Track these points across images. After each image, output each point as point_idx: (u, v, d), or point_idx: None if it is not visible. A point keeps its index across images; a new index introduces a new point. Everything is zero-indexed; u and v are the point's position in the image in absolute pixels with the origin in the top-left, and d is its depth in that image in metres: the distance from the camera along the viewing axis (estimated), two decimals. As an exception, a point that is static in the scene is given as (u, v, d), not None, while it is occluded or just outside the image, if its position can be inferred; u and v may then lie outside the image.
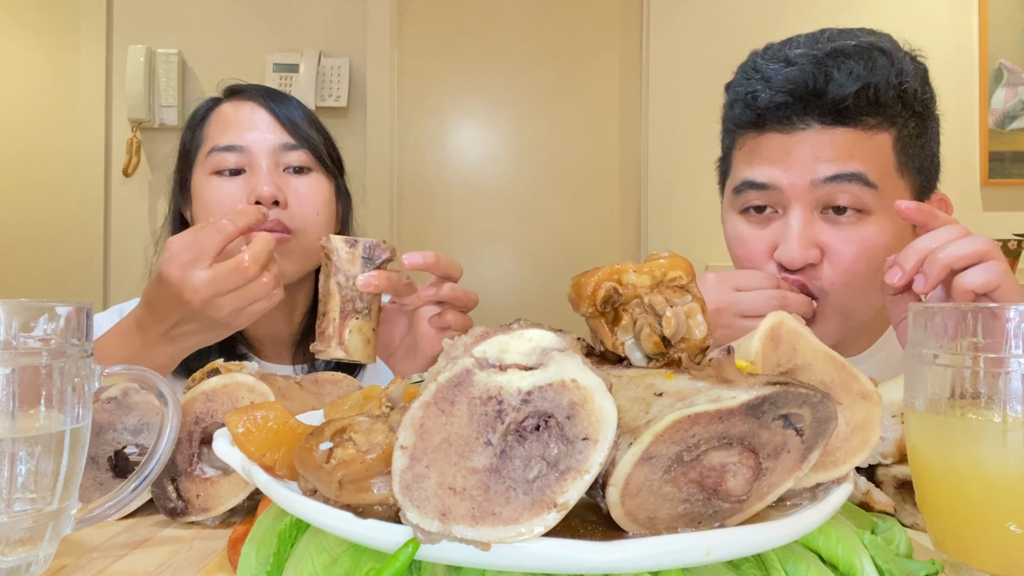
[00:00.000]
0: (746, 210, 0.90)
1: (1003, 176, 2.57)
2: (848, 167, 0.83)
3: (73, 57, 2.61)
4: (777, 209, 0.88)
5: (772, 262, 0.87)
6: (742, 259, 0.92)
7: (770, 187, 0.86)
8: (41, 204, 2.62)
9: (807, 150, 0.84)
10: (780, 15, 2.54)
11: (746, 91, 0.88)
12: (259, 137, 1.03)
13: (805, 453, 0.35)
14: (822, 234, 0.85)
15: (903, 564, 0.43)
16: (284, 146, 1.04)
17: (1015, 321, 0.45)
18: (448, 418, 0.32)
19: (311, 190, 1.05)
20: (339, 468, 0.34)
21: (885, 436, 0.58)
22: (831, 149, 0.83)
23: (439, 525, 0.31)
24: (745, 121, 0.89)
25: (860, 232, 0.84)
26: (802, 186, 0.84)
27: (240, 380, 0.60)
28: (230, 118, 1.06)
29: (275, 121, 1.05)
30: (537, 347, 0.32)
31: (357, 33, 2.60)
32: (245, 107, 1.06)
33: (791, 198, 0.85)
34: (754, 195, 0.88)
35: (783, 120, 0.85)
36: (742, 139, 0.91)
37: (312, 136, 1.07)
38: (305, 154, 1.05)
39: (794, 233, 0.84)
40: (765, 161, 0.87)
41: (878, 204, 0.84)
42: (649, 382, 0.38)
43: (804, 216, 0.84)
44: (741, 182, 0.89)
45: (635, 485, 0.33)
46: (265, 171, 1.01)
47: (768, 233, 0.88)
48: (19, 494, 0.45)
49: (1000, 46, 2.55)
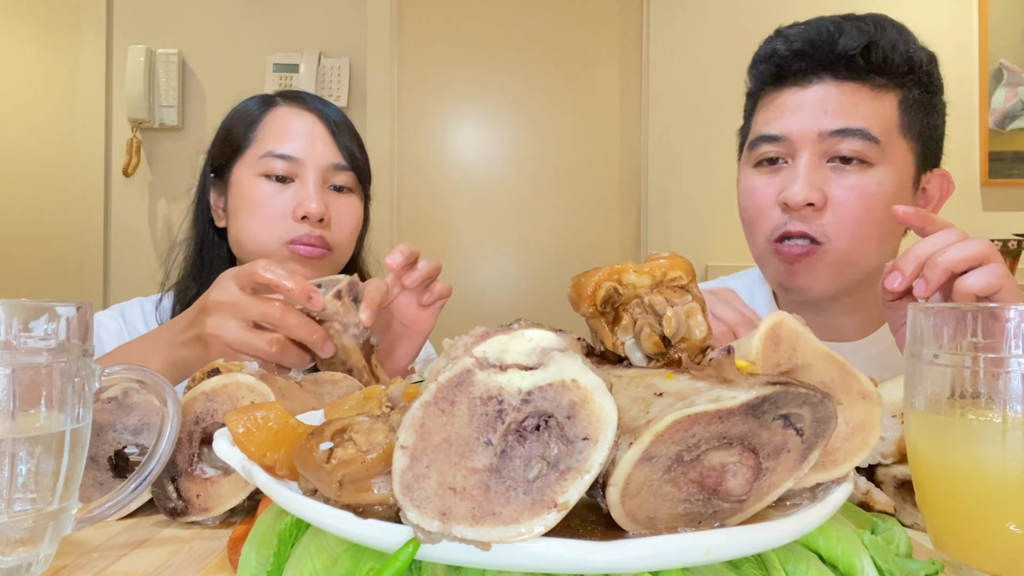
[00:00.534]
0: (759, 164, 0.97)
1: (1003, 176, 2.58)
2: (853, 122, 0.89)
3: (73, 57, 2.61)
4: (787, 160, 0.94)
5: (777, 207, 0.93)
6: (750, 208, 0.97)
7: (781, 138, 0.93)
8: (41, 204, 2.62)
9: (817, 102, 0.91)
10: (780, 15, 2.53)
11: (767, 49, 0.97)
12: (313, 151, 1.06)
13: (805, 453, 0.35)
14: (826, 183, 0.90)
15: (903, 564, 0.43)
16: (335, 166, 1.07)
17: (1015, 321, 0.45)
18: (448, 418, 0.32)
19: (349, 210, 1.09)
20: (339, 468, 0.34)
21: (885, 436, 0.58)
22: (839, 102, 0.90)
23: (439, 525, 0.31)
24: (766, 75, 0.97)
25: (862, 180, 0.90)
26: (810, 136, 0.91)
27: (240, 380, 0.60)
28: (289, 125, 1.07)
29: (331, 138, 1.08)
30: (537, 347, 0.32)
31: (357, 33, 2.60)
32: (305, 117, 1.08)
33: (800, 147, 0.91)
34: (767, 147, 0.95)
35: (798, 73, 0.93)
36: (762, 99, 0.99)
37: (358, 158, 1.10)
38: (350, 176, 1.09)
39: (800, 174, 0.90)
40: (779, 115, 0.94)
41: (881, 158, 0.90)
42: (649, 382, 0.38)
43: (811, 162, 0.91)
44: (756, 137, 0.97)
45: (635, 485, 0.33)
46: (313, 187, 1.04)
47: (777, 180, 0.94)
48: (19, 494, 0.45)
49: (1000, 46, 2.55)
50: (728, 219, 2.64)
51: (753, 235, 0.98)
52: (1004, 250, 2.40)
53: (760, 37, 1.05)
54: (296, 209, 1.03)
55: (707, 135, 2.62)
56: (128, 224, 2.62)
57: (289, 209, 1.03)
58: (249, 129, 1.09)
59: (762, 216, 0.95)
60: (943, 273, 0.71)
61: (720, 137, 2.63)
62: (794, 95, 0.93)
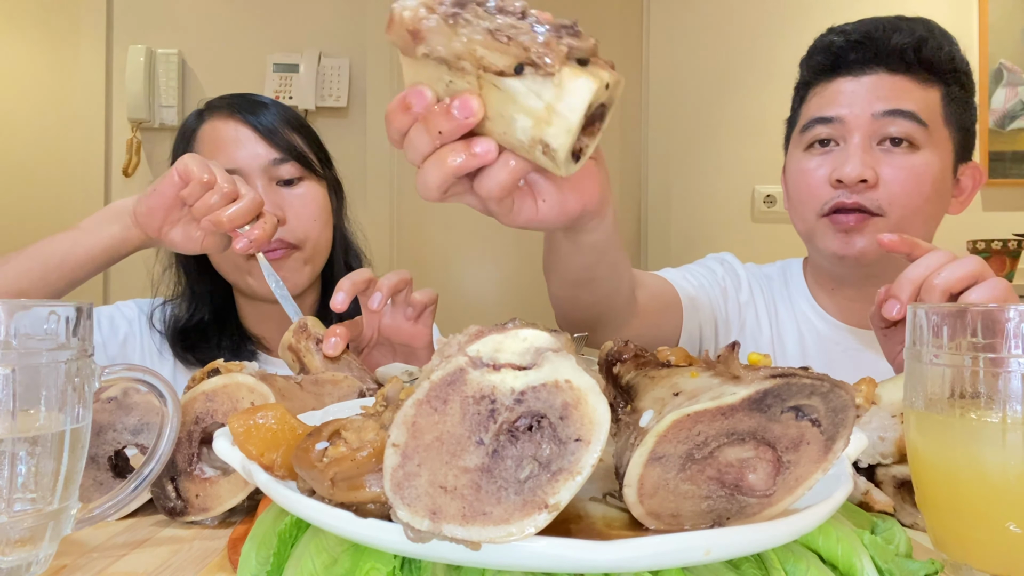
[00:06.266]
0: (810, 147, 1.02)
1: (1003, 176, 2.57)
2: (903, 105, 0.97)
3: (73, 57, 2.61)
4: (839, 142, 1.00)
5: (827, 186, 0.98)
6: (801, 188, 1.02)
7: (835, 119, 0.99)
8: (41, 204, 2.62)
9: (870, 91, 0.98)
10: (780, 15, 2.54)
11: (824, 42, 1.03)
12: (247, 155, 1.05)
13: (828, 444, 0.34)
14: (877, 163, 0.96)
15: (903, 564, 0.43)
16: (273, 161, 1.06)
17: (1015, 321, 0.45)
18: (440, 416, 0.31)
19: (305, 200, 1.07)
20: (331, 466, 0.34)
21: (885, 436, 0.58)
22: (890, 90, 0.98)
23: (429, 524, 0.31)
24: (821, 66, 1.03)
25: (911, 160, 0.96)
26: (863, 117, 0.97)
27: (240, 380, 0.60)
28: (217, 139, 1.07)
29: (259, 136, 1.06)
30: (531, 347, 0.32)
31: (357, 33, 2.60)
32: (228, 126, 1.07)
33: (853, 127, 0.98)
34: (820, 129, 1.01)
35: (852, 64, 0.99)
36: (815, 88, 1.04)
37: (297, 144, 1.09)
38: (294, 166, 1.07)
39: (855, 152, 0.96)
40: (834, 100, 1.00)
41: (927, 141, 0.96)
42: (674, 381, 0.38)
43: (863, 143, 0.97)
44: (810, 119, 1.02)
45: (650, 485, 0.33)
46: (260, 190, 1.03)
47: (829, 160, 0.99)
48: (19, 494, 0.45)
49: (1000, 46, 2.55)
50: (728, 219, 2.65)
51: (802, 213, 1.03)
52: (1004, 250, 2.39)
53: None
54: None
55: (707, 135, 2.62)
56: (128, 224, 2.62)
57: None
58: (188, 147, 1.10)
59: (813, 195, 1.00)
60: (942, 294, 0.71)
61: (720, 136, 2.64)
62: (849, 82, 1.00)
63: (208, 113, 1.11)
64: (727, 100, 2.60)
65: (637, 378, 0.42)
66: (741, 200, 2.62)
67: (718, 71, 2.58)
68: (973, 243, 2.42)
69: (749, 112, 2.53)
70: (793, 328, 1.10)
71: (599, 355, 0.50)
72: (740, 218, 2.63)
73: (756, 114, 2.50)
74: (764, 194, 2.58)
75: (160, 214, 0.86)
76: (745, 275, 1.14)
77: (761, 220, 2.62)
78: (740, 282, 1.13)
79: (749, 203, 2.62)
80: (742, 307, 1.11)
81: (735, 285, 1.12)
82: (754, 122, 2.52)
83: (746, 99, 2.55)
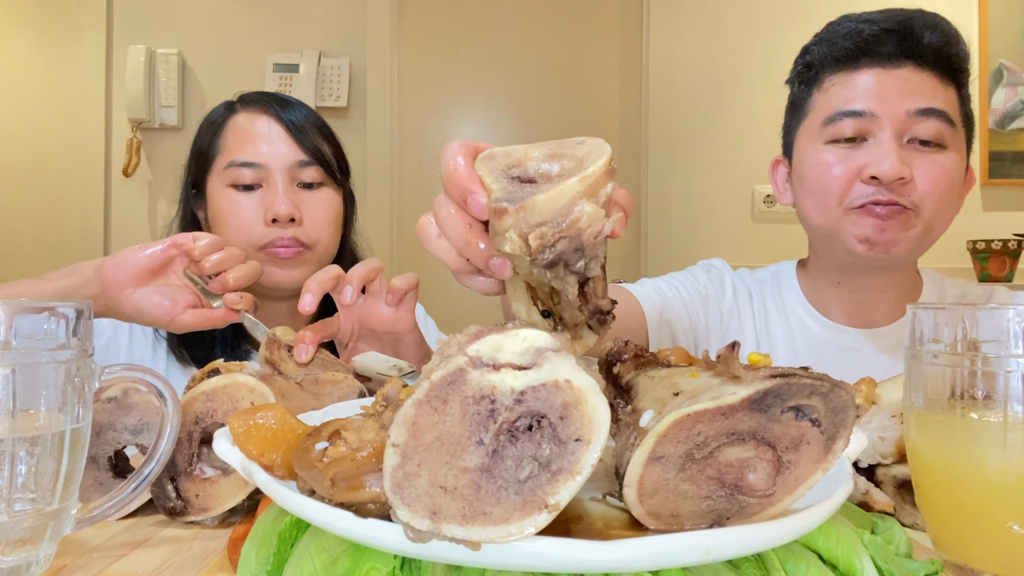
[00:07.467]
0: (834, 140, 0.99)
1: (1003, 176, 2.58)
2: (935, 104, 0.95)
3: (73, 57, 2.61)
4: (866, 138, 0.97)
5: (856, 181, 0.96)
6: (825, 181, 0.99)
7: (866, 114, 0.96)
8: (41, 204, 2.62)
9: (901, 84, 0.96)
10: (780, 15, 2.54)
11: (847, 28, 0.99)
12: (275, 153, 1.07)
13: (828, 444, 0.34)
14: (910, 161, 0.95)
15: (903, 564, 0.43)
16: (299, 163, 1.08)
17: (1015, 321, 0.45)
18: (440, 416, 0.31)
19: (323, 204, 1.10)
20: (331, 466, 0.34)
21: (885, 436, 0.58)
22: (922, 86, 0.96)
23: (429, 524, 0.31)
24: (844, 53, 0.99)
25: (940, 159, 0.96)
26: (898, 114, 0.95)
27: (240, 380, 0.60)
28: (247, 131, 1.08)
29: (289, 136, 1.08)
30: (531, 347, 0.32)
31: (357, 33, 2.60)
32: (260, 120, 1.09)
33: (887, 124, 0.95)
34: (849, 123, 0.97)
35: (882, 55, 0.97)
36: (834, 76, 1.00)
37: (324, 150, 1.11)
38: (318, 171, 1.10)
39: (890, 149, 0.94)
40: (863, 94, 0.97)
41: (952, 140, 0.96)
42: (674, 381, 0.38)
43: (897, 139, 0.95)
44: (836, 112, 0.98)
45: (650, 485, 0.33)
46: (281, 189, 1.06)
47: (856, 155, 0.97)
48: (19, 494, 0.45)
49: (1000, 46, 2.56)
50: (728, 219, 2.65)
51: (824, 205, 1.00)
52: (1004, 250, 2.39)
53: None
54: (266, 213, 1.04)
55: (707, 135, 2.62)
56: (128, 224, 2.62)
57: (259, 215, 1.05)
58: (215, 137, 1.11)
59: (839, 187, 0.98)
60: None
61: (720, 137, 2.64)
62: (880, 74, 0.97)
63: (241, 104, 1.12)
64: (727, 100, 2.60)
65: (637, 378, 0.43)
66: (741, 200, 2.62)
67: (718, 71, 2.58)
68: (973, 243, 2.42)
69: (749, 112, 2.53)
70: (784, 332, 1.10)
71: (599, 355, 0.51)
72: (740, 218, 2.63)
73: (756, 114, 2.50)
74: (764, 194, 2.58)
75: (130, 270, 0.85)
76: (731, 282, 1.13)
77: (761, 220, 2.62)
78: (724, 290, 1.13)
79: (749, 203, 2.62)
80: (724, 315, 1.11)
81: (718, 294, 1.12)
82: (754, 122, 2.52)
83: (746, 99, 2.55)
